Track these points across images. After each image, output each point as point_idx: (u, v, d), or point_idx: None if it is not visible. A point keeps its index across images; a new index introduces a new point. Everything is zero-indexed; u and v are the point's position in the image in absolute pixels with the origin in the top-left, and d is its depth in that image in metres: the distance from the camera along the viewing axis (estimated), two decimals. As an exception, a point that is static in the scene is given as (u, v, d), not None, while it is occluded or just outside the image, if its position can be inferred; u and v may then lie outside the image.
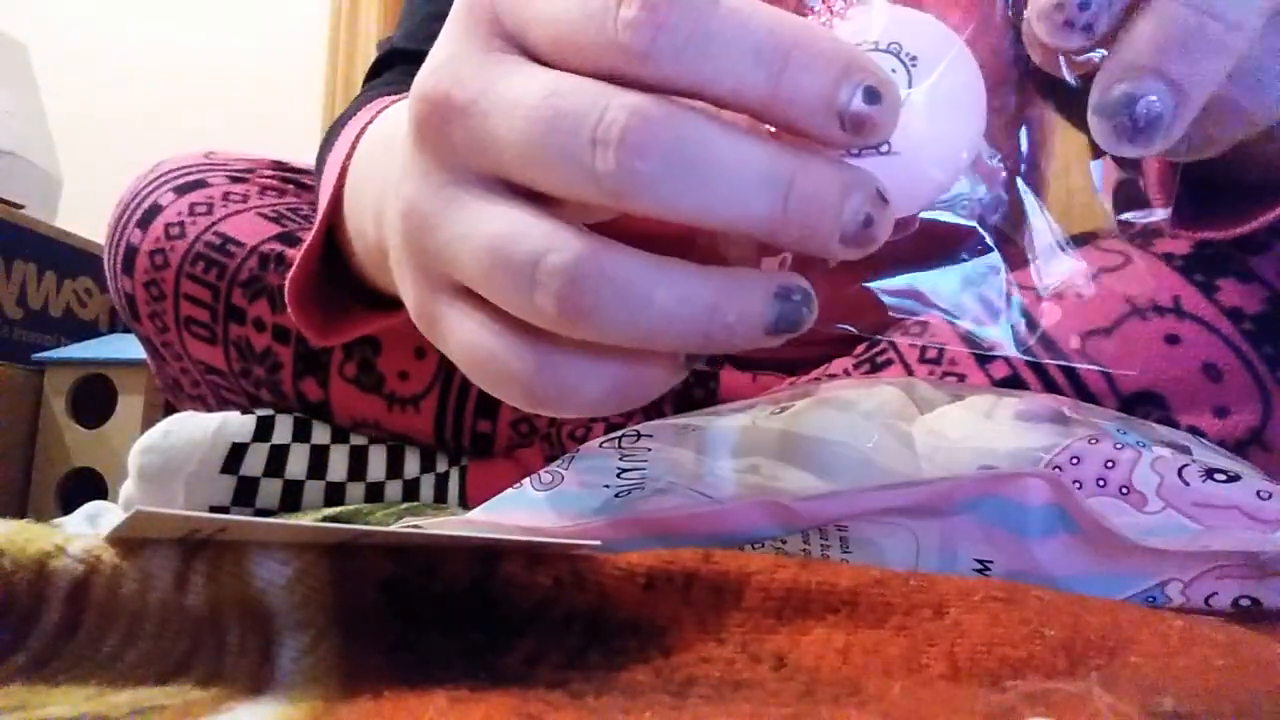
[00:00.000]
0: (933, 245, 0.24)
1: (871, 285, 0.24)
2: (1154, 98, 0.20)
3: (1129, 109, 0.21)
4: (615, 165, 0.19)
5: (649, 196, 0.20)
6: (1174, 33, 0.20)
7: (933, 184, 0.22)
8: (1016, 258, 0.25)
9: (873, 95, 0.19)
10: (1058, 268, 0.24)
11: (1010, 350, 0.24)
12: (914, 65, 0.22)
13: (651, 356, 0.22)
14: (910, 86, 0.22)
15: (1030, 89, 0.25)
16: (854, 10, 0.23)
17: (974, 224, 0.24)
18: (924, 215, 0.24)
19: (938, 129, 0.22)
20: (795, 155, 0.20)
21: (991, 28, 0.24)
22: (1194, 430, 0.37)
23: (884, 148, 0.21)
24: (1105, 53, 0.22)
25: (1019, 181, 0.24)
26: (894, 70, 0.22)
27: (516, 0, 0.21)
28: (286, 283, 0.40)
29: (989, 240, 0.24)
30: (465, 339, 0.23)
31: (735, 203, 0.20)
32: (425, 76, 0.22)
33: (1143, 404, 0.38)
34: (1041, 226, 0.24)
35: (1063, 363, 0.39)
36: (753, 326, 0.21)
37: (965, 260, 0.24)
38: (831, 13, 0.23)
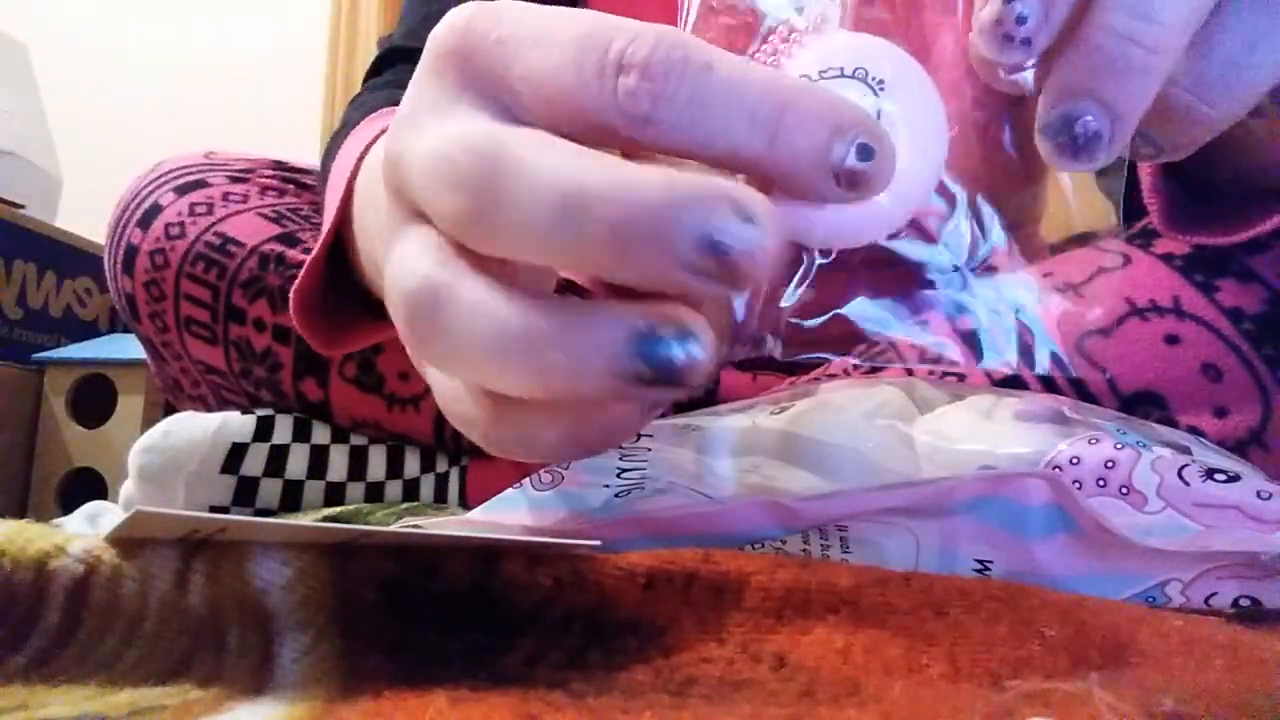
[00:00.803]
0: (902, 270, 0.24)
1: (845, 311, 0.24)
2: (1090, 118, 0.21)
3: (1068, 130, 0.21)
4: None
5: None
6: (1099, 59, 0.21)
7: (903, 208, 0.23)
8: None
9: (866, 152, 0.20)
10: (1018, 288, 0.25)
11: (994, 362, 0.25)
12: (881, 89, 0.22)
13: (610, 405, 0.22)
14: (879, 110, 0.22)
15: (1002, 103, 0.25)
16: (811, 37, 0.23)
17: (939, 246, 0.24)
18: (894, 245, 0.24)
19: (907, 152, 0.22)
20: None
21: (948, 49, 0.24)
22: (1194, 430, 0.38)
23: None
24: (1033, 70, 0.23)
25: (979, 200, 0.25)
26: (863, 96, 0.22)
27: (499, 59, 0.21)
28: (291, 295, 0.40)
29: (958, 265, 0.25)
30: (435, 381, 0.24)
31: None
32: (390, 140, 0.22)
33: (1143, 404, 0.39)
34: (1001, 245, 0.25)
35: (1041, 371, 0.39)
36: (599, 372, 0.18)
37: (934, 281, 0.25)
38: (791, 42, 0.24)
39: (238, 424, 0.50)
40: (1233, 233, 0.37)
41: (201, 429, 0.49)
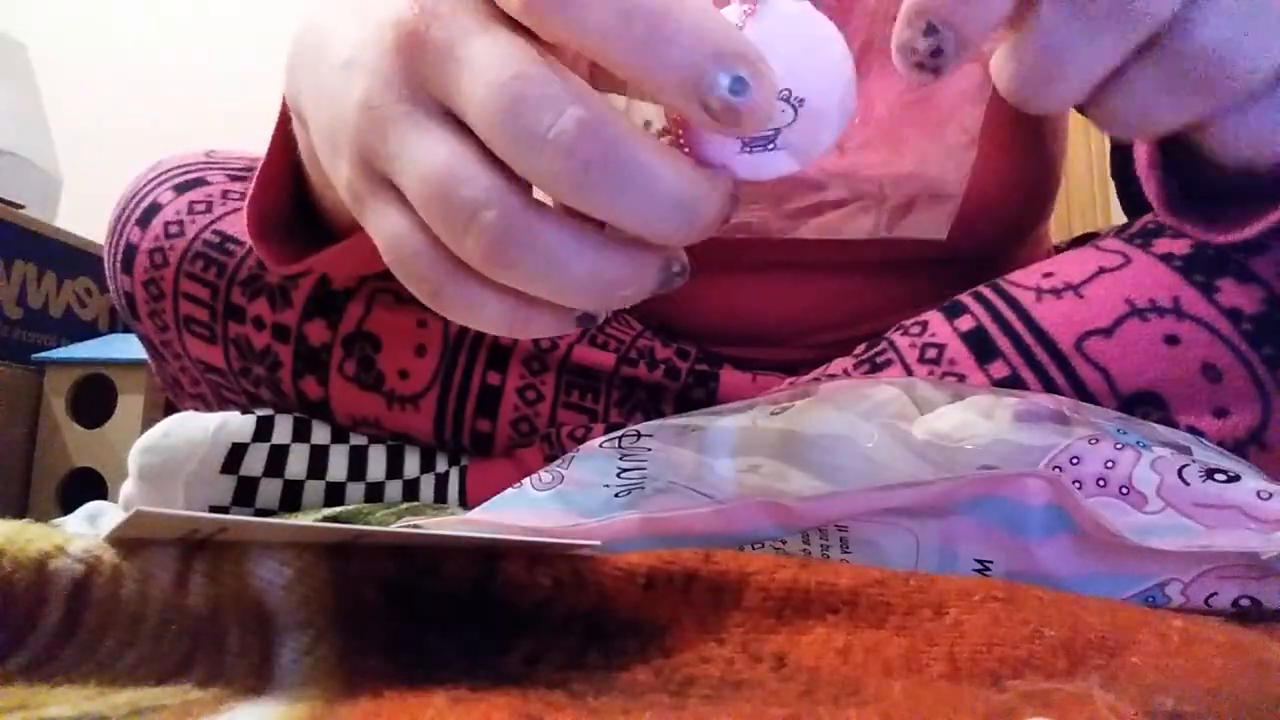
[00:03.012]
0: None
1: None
2: (932, 38, 0.23)
3: (914, 49, 0.23)
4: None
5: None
6: None
7: (805, 151, 0.22)
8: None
9: (740, 85, 0.19)
10: None
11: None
12: (749, 14, 0.22)
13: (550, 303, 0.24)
14: (742, 26, 0.21)
15: None
16: None
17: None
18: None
19: (791, 68, 0.21)
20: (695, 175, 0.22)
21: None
22: (1193, 430, 0.38)
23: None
24: None
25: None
26: (737, 20, 0.22)
27: None
28: (245, 209, 0.40)
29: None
30: (390, 231, 0.25)
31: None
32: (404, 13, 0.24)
33: (1142, 404, 0.38)
34: None
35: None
36: (639, 294, 0.23)
37: None
38: None
39: (238, 424, 0.50)
40: (1234, 230, 0.37)
41: (201, 429, 0.49)
